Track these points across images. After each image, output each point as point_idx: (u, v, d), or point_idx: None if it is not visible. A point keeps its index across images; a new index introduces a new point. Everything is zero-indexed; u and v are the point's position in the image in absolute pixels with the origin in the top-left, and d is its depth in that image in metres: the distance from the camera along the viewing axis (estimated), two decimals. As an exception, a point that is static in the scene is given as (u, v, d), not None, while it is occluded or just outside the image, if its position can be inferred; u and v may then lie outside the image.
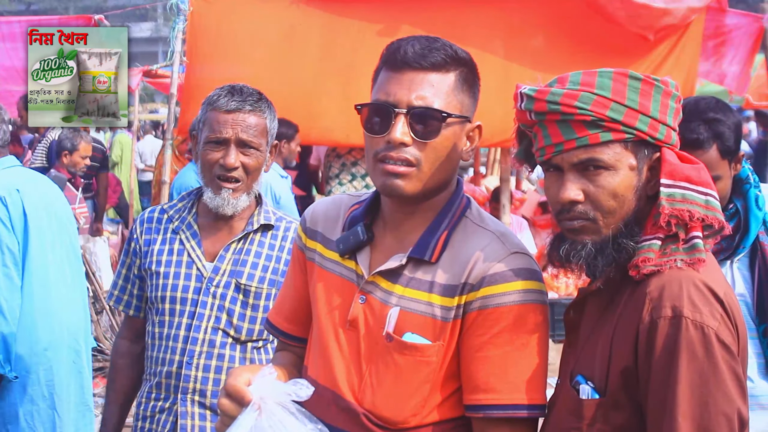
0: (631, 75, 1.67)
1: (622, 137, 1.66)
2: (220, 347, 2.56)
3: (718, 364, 1.55)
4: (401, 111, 1.72)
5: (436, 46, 1.75)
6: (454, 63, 1.76)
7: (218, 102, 2.54)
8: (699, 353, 1.55)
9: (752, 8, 7.88)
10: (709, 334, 1.55)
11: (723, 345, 1.56)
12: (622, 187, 1.67)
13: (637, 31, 6.33)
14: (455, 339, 1.74)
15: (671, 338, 1.56)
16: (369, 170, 1.80)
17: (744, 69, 7.50)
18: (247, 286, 2.57)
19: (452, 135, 1.76)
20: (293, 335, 2.04)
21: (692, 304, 1.57)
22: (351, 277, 1.84)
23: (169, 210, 2.70)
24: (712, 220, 1.67)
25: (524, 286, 1.71)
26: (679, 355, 1.55)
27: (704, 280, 1.61)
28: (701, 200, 1.67)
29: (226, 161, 2.51)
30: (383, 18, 6.22)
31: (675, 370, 1.55)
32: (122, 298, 2.76)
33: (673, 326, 1.56)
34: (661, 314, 1.58)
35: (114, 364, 2.82)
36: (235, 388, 1.71)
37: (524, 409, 1.71)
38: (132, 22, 26.49)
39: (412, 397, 1.74)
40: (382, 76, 1.78)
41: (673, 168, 1.68)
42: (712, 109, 2.58)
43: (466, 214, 1.84)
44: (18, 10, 36.30)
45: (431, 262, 1.77)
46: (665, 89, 1.69)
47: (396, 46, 1.77)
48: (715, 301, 1.59)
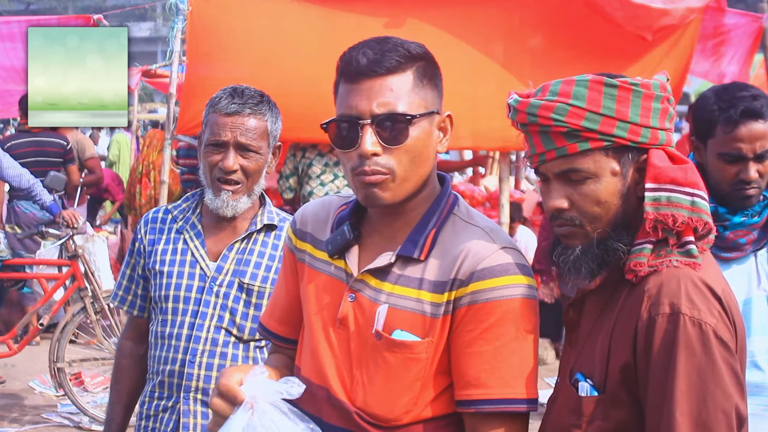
0: (607, 82, 1.67)
1: (600, 145, 1.66)
2: (223, 346, 2.58)
3: (716, 360, 1.56)
4: (366, 122, 1.72)
5: (387, 48, 1.74)
6: (408, 61, 1.75)
7: (219, 104, 2.55)
8: (697, 350, 1.56)
9: (751, 8, 7.86)
10: (706, 330, 1.56)
11: (721, 341, 1.57)
12: (606, 193, 1.68)
13: (635, 31, 6.32)
14: (445, 335, 1.74)
15: (669, 335, 1.57)
16: (349, 184, 1.80)
17: (743, 69, 7.49)
18: (250, 285, 2.59)
19: (422, 133, 1.75)
20: (285, 337, 2.05)
21: (690, 301, 1.58)
22: (340, 276, 1.85)
23: (173, 210, 2.72)
24: (696, 223, 1.67)
25: (514, 281, 1.72)
26: (677, 351, 1.56)
27: (702, 278, 1.62)
28: (686, 202, 1.67)
29: (225, 164, 2.52)
30: (383, 18, 6.21)
31: (673, 367, 1.56)
32: (126, 299, 2.78)
33: (671, 323, 1.57)
34: (659, 311, 1.59)
35: (118, 364, 2.83)
36: (227, 388, 1.71)
37: (515, 404, 1.71)
38: (131, 22, 26.52)
39: (403, 394, 1.74)
40: (341, 90, 1.79)
41: (658, 171, 1.68)
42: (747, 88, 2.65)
43: (454, 211, 1.84)
44: (17, 10, 36.28)
45: (420, 259, 1.77)
46: (646, 92, 1.68)
47: (348, 57, 1.76)
48: (713, 298, 1.60)
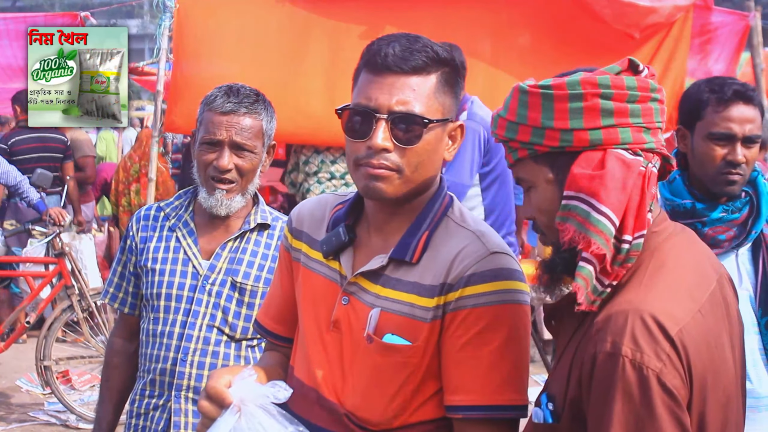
0: (520, 88, 1.60)
1: (526, 154, 1.60)
2: (215, 345, 2.57)
3: (655, 408, 1.41)
4: (382, 116, 1.70)
5: (416, 47, 1.72)
6: (435, 65, 1.73)
7: (214, 103, 2.53)
8: (635, 396, 1.41)
9: (738, 6, 7.88)
10: (648, 376, 1.41)
11: (664, 389, 1.42)
12: (545, 201, 1.61)
13: (622, 29, 6.35)
14: (435, 339, 1.72)
15: (608, 376, 1.44)
16: (350, 173, 1.78)
17: (729, 67, 7.52)
18: (243, 284, 2.58)
19: (434, 138, 1.74)
20: (281, 335, 2.04)
21: (634, 342, 1.43)
22: (335, 278, 1.84)
23: (165, 208, 2.71)
24: (581, 240, 1.52)
25: (504, 286, 1.70)
26: (614, 396, 1.42)
27: (654, 314, 1.45)
28: (582, 214, 1.52)
29: (219, 163, 2.51)
30: (369, 17, 6.21)
31: (609, 411, 1.43)
32: (117, 296, 2.76)
33: (610, 363, 1.43)
34: (602, 348, 1.46)
35: (108, 362, 2.82)
36: (215, 390, 1.70)
37: (504, 410, 1.69)
38: (118, 19, 26.43)
39: (393, 398, 1.73)
40: (362, 79, 1.76)
41: (570, 178, 1.55)
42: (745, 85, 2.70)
43: (448, 214, 1.82)
44: (3, 7, 36.09)
45: (412, 262, 1.75)
46: (557, 93, 1.55)
47: (376, 48, 1.74)
48: (663, 339, 1.44)
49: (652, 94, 1.57)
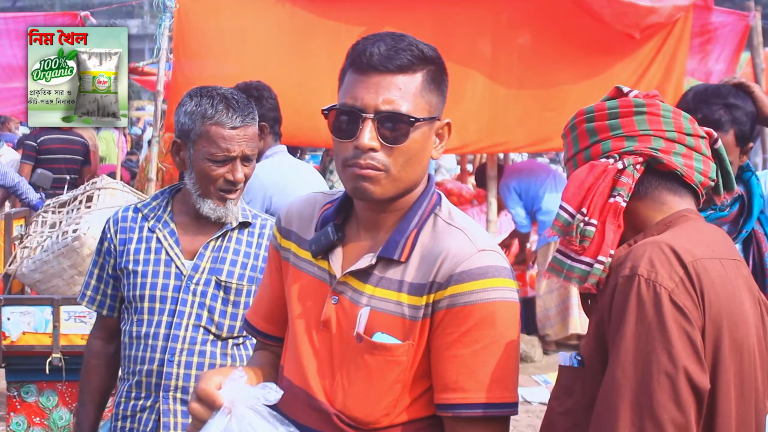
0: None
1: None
2: (201, 344, 2.57)
3: (667, 323, 1.50)
4: (369, 116, 1.70)
5: (401, 46, 1.72)
6: (420, 63, 1.73)
7: (218, 118, 2.51)
8: (648, 311, 1.51)
9: (738, 6, 7.89)
10: (660, 293, 1.51)
11: (676, 306, 1.51)
12: None
13: (622, 29, 6.36)
14: (425, 338, 1.72)
15: (625, 296, 1.54)
16: (339, 174, 1.79)
17: (730, 67, 7.54)
18: (227, 283, 2.58)
19: (421, 137, 1.74)
20: (271, 335, 2.04)
21: (650, 264, 1.54)
22: (324, 277, 1.83)
23: (143, 209, 2.69)
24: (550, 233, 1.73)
25: (492, 284, 1.69)
26: (628, 311, 1.52)
27: (671, 244, 1.57)
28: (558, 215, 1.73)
29: (236, 177, 2.53)
30: (369, 17, 6.21)
31: (623, 328, 1.52)
32: (95, 298, 2.75)
33: (628, 284, 1.54)
34: (621, 273, 1.56)
35: (87, 363, 2.79)
36: (205, 392, 1.69)
37: (494, 408, 1.69)
38: (118, 19, 26.43)
39: (383, 397, 1.73)
40: (348, 79, 1.76)
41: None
42: (733, 95, 2.68)
43: (436, 212, 1.82)
44: (3, 7, 36.11)
45: (401, 261, 1.75)
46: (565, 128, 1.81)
47: (362, 48, 1.74)
48: (677, 263, 1.55)
49: (634, 109, 1.73)
